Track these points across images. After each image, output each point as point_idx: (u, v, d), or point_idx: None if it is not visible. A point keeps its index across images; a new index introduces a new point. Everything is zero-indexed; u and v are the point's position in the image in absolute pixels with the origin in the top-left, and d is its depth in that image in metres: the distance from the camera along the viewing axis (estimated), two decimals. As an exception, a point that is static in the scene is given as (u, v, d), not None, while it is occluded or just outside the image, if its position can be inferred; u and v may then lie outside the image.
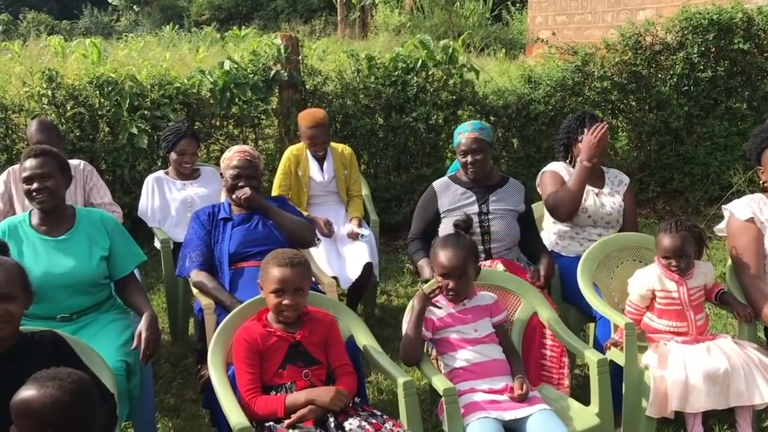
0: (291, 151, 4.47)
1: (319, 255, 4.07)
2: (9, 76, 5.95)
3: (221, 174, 3.61)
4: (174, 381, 3.81)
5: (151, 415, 3.14)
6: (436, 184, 3.68)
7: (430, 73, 5.92)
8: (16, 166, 4.04)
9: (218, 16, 23.67)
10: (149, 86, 5.33)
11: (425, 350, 2.83)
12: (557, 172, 3.75)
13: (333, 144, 4.53)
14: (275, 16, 22.74)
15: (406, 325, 2.82)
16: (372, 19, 19.45)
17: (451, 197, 3.59)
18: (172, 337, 4.23)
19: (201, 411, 3.46)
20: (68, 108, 5.18)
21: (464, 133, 3.59)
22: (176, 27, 18.65)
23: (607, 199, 3.72)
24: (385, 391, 3.67)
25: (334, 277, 3.82)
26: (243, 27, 17.50)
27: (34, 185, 2.93)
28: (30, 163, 2.95)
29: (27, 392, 1.90)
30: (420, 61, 5.81)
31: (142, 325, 2.88)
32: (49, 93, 5.16)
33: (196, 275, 3.32)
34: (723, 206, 3.35)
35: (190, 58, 11.42)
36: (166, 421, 3.43)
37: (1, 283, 2.26)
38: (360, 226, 4.33)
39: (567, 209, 3.61)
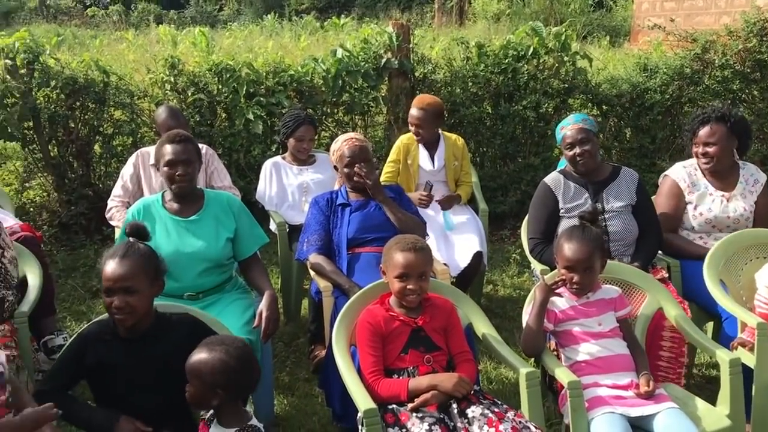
0: (401, 140, 4.49)
1: (429, 242, 4.07)
2: (134, 63, 6.24)
3: (335, 167, 3.65)
4: (287, 360, 3.92)
5: (269, 392, 3.25)
6: (549, 180, 3.57)
7: (541, 60, 5.82)
8: (144, 149, 4.27)
9: (317, 5, 24.02)
10: (265, 73, 5.48)
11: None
12: (677, 183, 3.60)
13: (446, 134, 4.52)
14: (373, 4, 22.86)
15: (527, 316, 2.80)
16: (470, 7, 19.24)
17: (565, 194, 3.51)
18: (286, 318, 4.35)
19: (314, 390, 3.55)
20: (189, 94, 5.39)
21: (567, 126, 3.51)
22: (277, 16, 19.06)
23: (737, 203, 3.52)
24: (494, 381, 3.66)
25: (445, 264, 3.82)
26: (342, 16, 17.70)
27: (179, 170, 3.06)
28: (174, 148, 3.08)
29: (199, 356, 2.09)
30: (531, 49, 5.72)
31: (263, 305, 2.97)
32: (172, 79, 5.39)
33: (315, 258, 3.40)
34: None
35: (292, 47, 11.66)
36: (281, 398, 3.54)
37: (123, 277, 2.34)
38: (448, 206, 4.31)
39: (670, 253, 3.57)
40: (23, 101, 5.04)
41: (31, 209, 5.60)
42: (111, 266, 2.35)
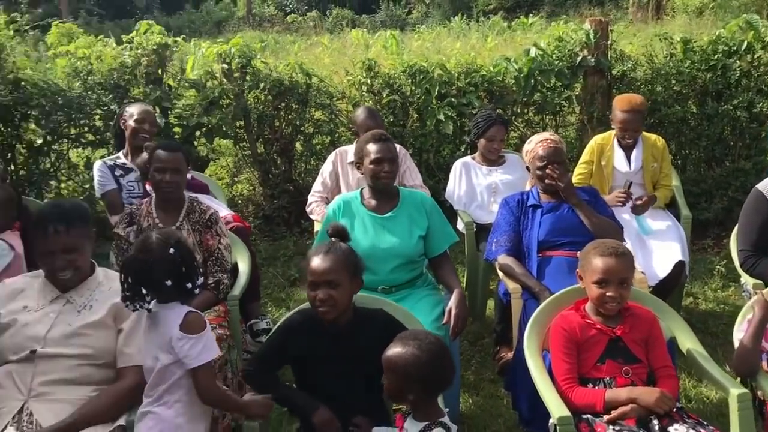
0: (596, 140, 4.33)
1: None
2: (332, 66, 6.56)
3: (527, 167, 3.60)
4: (473, 359, 3.93)
5: (456, 389, 3.27)
6: (763, 186, 3.25)
7: (756, 56, 5.37)
8: (343, 148, 4.49)
9: (504, 4, 23.80)
10: (456, 74, 5.53)
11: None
12: None
13: (645, 134, 4.29)
14: (562, 2, 22.23)
15: (740, 333, 2.58)
16: (668, 1, 18.09)
17: None
18: (471, 317, 4.35)
19: (500, 392, 3.53)
20: (384, 95, 5.58)
21: None
22: (464, 17, 19.13)
23: None
24: (694, 399, 3.43)
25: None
26: (530, 15, 17.38)
27: (385, 167, 3.18)
28: (380, 147, 3.20)
29: (393, 349, 2.16)
30: (745, 43, 5.29)
31: (452, 302, 3.00)
32: (368, 81, 5.60)
33: (504, 259, 3.37)
34: None
35: (479, 47, 11.65)
36: (466, 396, 3.55)
37: (327, 270, 2.45)
38: (641, 210, 4.08)
39: None
40: (236, 102, 5.50)
41: (239, 201, 6.09)
42: (316, 262, 2.47)
